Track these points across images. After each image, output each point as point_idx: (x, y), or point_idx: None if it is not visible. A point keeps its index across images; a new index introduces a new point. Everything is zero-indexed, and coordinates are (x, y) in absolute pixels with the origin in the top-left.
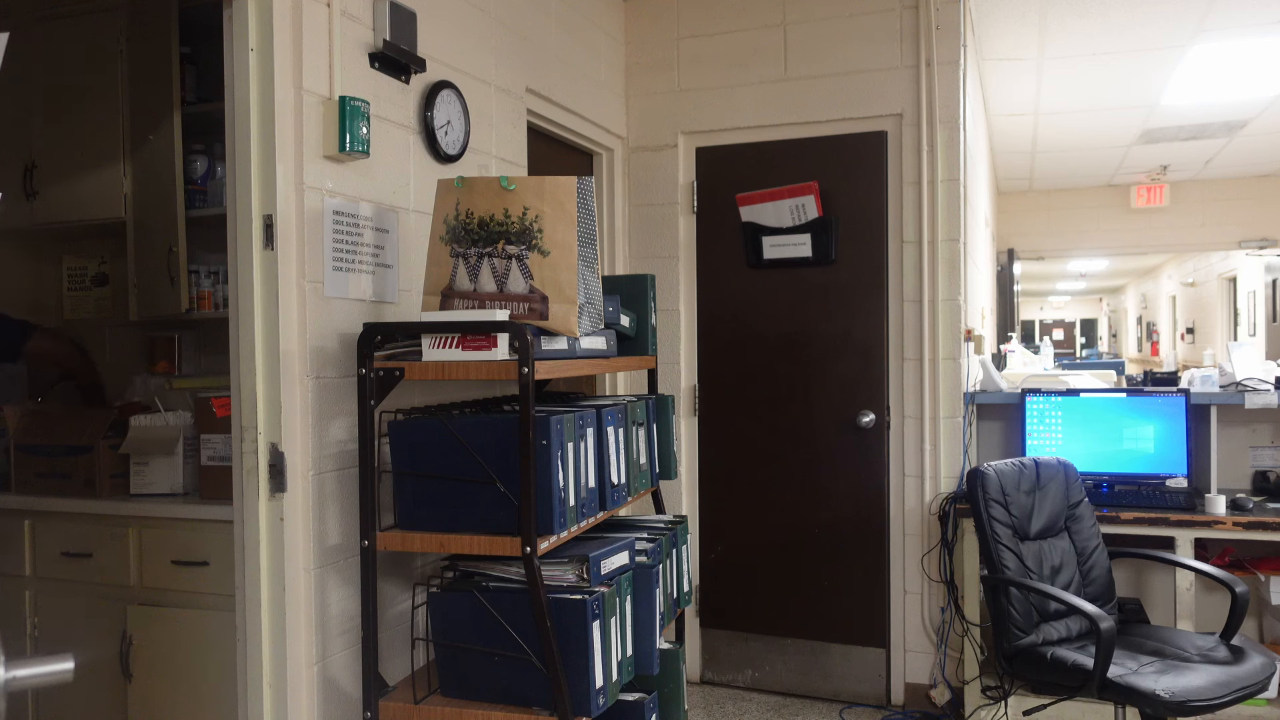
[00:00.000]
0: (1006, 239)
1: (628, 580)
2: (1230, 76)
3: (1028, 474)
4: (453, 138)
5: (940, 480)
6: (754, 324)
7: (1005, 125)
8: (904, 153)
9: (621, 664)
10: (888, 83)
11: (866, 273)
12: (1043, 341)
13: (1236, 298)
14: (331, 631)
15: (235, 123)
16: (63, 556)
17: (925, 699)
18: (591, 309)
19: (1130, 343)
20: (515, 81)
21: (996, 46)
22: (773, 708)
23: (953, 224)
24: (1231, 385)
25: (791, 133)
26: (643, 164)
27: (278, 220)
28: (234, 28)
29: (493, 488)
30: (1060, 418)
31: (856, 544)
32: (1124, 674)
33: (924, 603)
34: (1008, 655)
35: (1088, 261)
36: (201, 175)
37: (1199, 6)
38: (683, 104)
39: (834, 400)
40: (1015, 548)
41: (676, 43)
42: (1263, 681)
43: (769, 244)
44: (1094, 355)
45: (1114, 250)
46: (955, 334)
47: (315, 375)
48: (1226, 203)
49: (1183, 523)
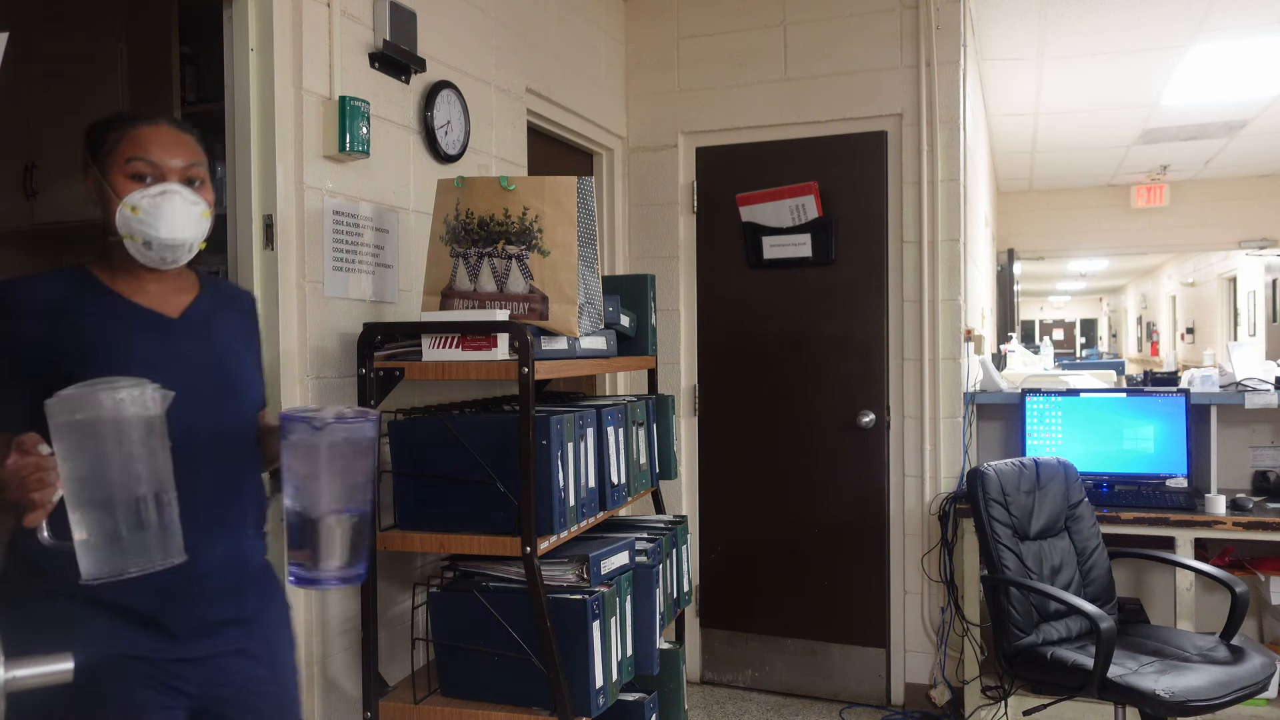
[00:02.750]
0: (1006, 239)
1: (628, 580)
2: (1230, 76)
3: (1028, 474)
4: (453, 138)
5: (940, 480)
6: (754, 324)
7: (1005, 125)
8: (904, 153)
9: (621, 664)
10: (888, 83)
11: (866, 273)
12: (1043, 341)
13: (1236, 298)
14: (331, 631)
15: (235, 123)
16: None
17: (925, 699)
18: (591, 309)
19: (1130, 343)
20: (515, 81)
21: (996, 46)
22: (773, 708)
23: (953, 224)
24: (1231, 385)
25: (791, 133)
26: (643, 164)
27: (278, 220)
28: (234, 28)
29: (493, 488)
30: (1060, 418)
31: (856, 544)
32: (1124, 674)
33: (924, 603)
34: (1008, 655)
35: (1088, 261)
36: None
37: (1199, 6)
38: (683, 104)
39: (834, 400)
40: (1015, 548)
41: (676, 43)
42: (1263, 681)
43: (769, 244)
44: (1094, 355)
45: (1114, 250)
46: (955, 334)
47: (315, 375)
48: (1226, 203)
49: (1183, 523)
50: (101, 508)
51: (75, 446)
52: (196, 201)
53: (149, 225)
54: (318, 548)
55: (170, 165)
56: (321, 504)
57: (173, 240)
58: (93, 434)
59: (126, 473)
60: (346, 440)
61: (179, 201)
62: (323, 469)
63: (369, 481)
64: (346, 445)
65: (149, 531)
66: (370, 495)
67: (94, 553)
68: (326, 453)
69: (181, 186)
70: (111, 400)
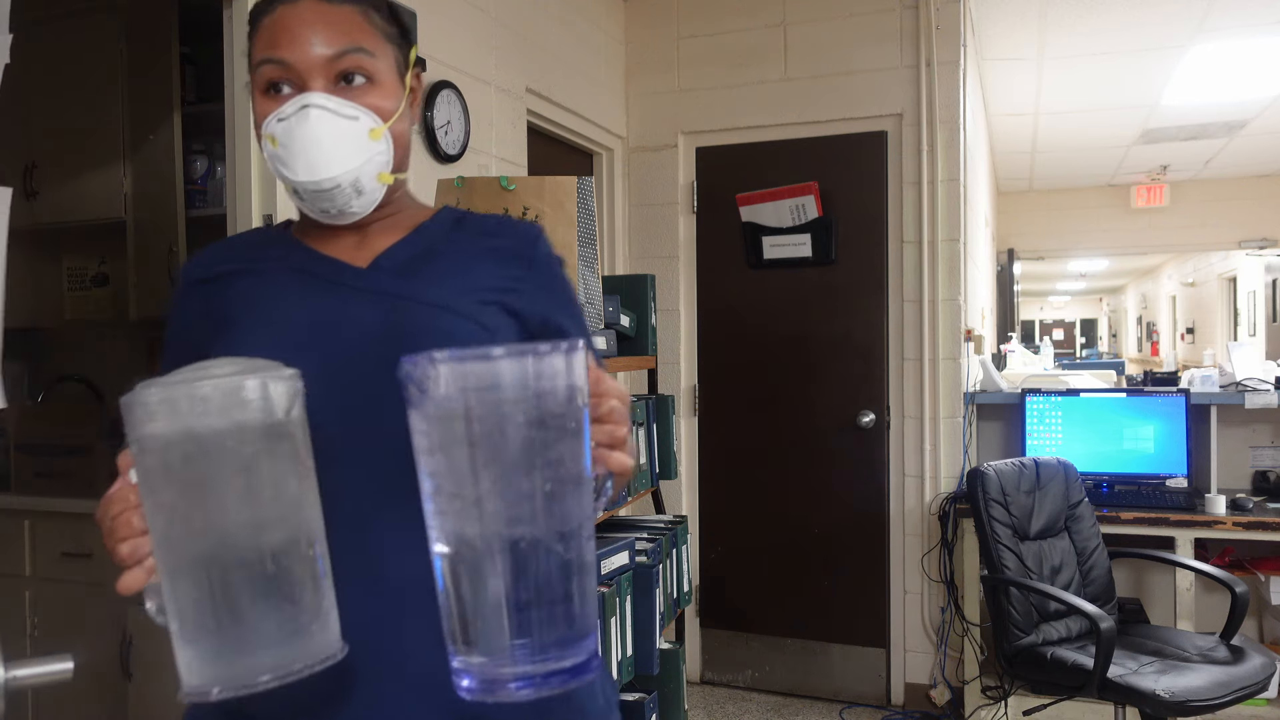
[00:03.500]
0: (1006, 239)
1: (628, 580)
2: (1230, 76)
3: (1028, 474)
4: (453, 138)
5: (940, 480)
6: (754, 324)
7: (1005, 125)
8: (904, 153)
9: (621, 664)
10: (888, 83)
11: (866, 273)
12: (1043, 341)
13: (1236, 298)
14: None
15: (235, 123)
16: (63, 556)
17: (925, 699)
18: (591, 309)
19: (1130, 343)
20: (515, 81)
21: (996, 46)
22: (773, 708)
23: (953, 224)
24: (1231, 385)
25: (791, 133)
26: (643, 164)
27: (278, 220)
28: (234, 28)
29: None
30: (1060, 418)
31: (856, 544)
32: (1124, 674)
33: (924, 603)
34: (1008, 655)
35: (1088, 261)
36: (201, 175)
37: (1199, 6)
38: (683, 104)
39: (834, 400)
40: (1015, 548)
41: (676, 43)
42: (1263, 681)
43: (769, 244)
44: (1094, 355)
45: (1114, 250)
46: (955, 334)
47: None
48: (1226, 203)
49: (1183, 523)
50: (190, 576)
51: (147, 476)
52: (353, 112)
53: (284, 164)
54: (471, 618)
55: (311, 59)
56: (477, 523)
57: (315, 183)
58: (167, 455)
59: (225, 515)
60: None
61: (318, 120)
62: (463, 452)
63: (581, 472)
64: (509, 403)
65: (274, 613)
66: (588, 500)
67: (189, 649)
68: (464, 421)
69: (326, 96)
70: (189, 399)
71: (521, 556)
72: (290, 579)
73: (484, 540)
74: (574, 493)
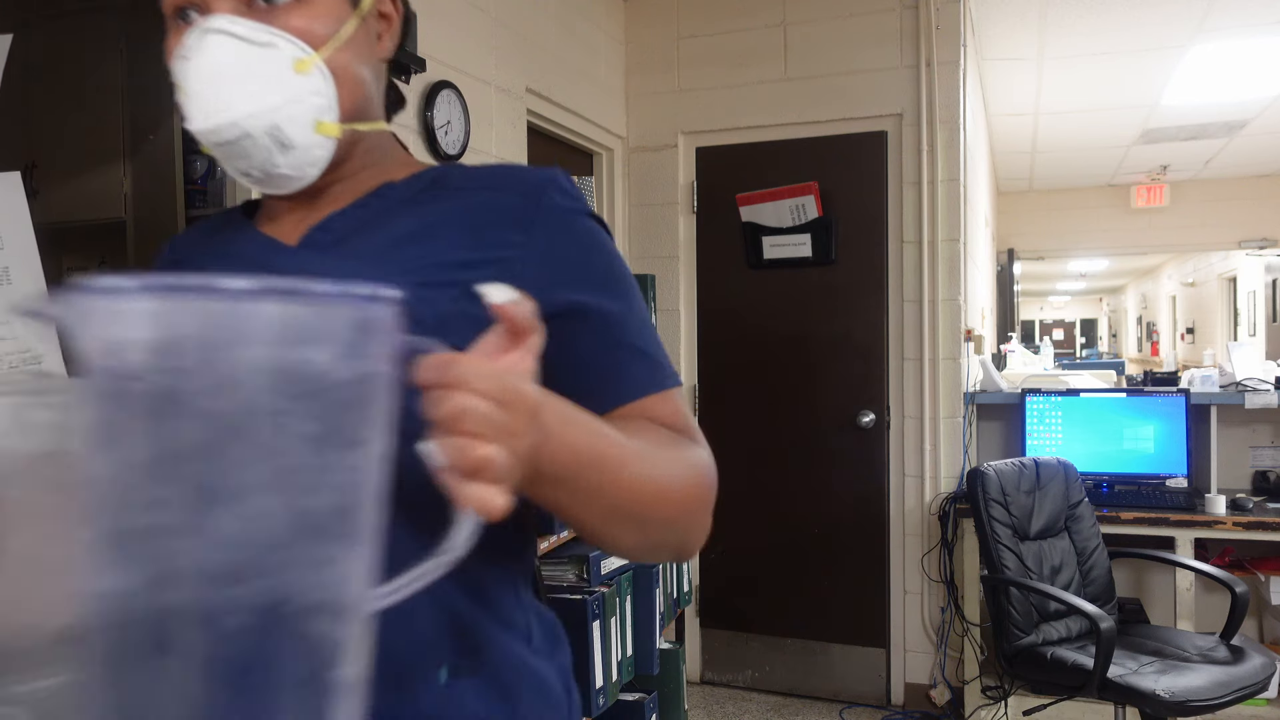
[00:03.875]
0: (1006, 239)
1: (627, 580)
2: (1230, 76)
3: (1028, 474)
4: (453, 138)
5: (940, 480)
6: (754, 324)
7: (1005, 125)
8: (904, 153)
9: (621, 664)
10: (887, 83)
11: (866, 273)
12: (1043, 341)
13: (1236, 298)
14: None
15: None
16: None
17: (925, 699)
18: None
19: (1130, 343)
20: (515, 81)
21: (996, 46)
22: (773, 708)
23: (953, 224)
24: (1231, 385)
25: (791, 133)
26: (643, 164)
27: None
28: None
29: None
30: (1060, 418)
31: (856, 544)
32: (1124, 674)
33: (924, 603)
34: (1008, 655)
35: (1088, 261)
36: (201, 175)
37: (1199, 6)
38: (683, 104)
39: (834, 400)
40: (1015, 548)
41: (676, 43)
42: (1263, 681)
43: (769, 244)
44: (1094, 355)
45: (1114, 250)
46: (955, 334)
47: None
48: (1226, 203)
49: (1183, 523)
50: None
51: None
52: (266, 37)
53: (185, 108)
54: None
55: None
56: (156, 577)
57: (213, 130)
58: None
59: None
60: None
61: (216, 47)
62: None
63: (356, 506)
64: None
65: None
66: (367, 552)
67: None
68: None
69: (231, 19)
70: None
71: (226, 642)
72: None
73: (160, 608)
74: (338, 540)
